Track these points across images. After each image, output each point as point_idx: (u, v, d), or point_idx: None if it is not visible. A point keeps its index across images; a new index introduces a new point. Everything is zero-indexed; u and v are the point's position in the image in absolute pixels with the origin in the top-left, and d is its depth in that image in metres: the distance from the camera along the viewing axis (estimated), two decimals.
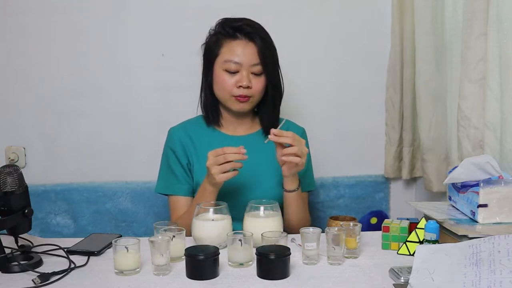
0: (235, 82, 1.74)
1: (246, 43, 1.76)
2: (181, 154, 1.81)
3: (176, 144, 1.82)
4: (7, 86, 2.27)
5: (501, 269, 1.13)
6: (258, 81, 1.77)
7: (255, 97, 1.78)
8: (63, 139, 2.30)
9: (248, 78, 1.74)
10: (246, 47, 1.75)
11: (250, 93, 1.75)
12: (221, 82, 1.76)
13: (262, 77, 1.77)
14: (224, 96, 1.77)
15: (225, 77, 1.75)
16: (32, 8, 2.21)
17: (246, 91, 1.75)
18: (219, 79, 1.77)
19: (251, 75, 1.75)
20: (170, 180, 1.82)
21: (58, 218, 2.31)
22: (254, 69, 1.75)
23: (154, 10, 2.23)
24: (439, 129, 2.03)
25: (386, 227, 1.52)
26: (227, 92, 1.76)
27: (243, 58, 1.74)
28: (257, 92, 1.77)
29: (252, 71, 1.75)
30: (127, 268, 1.35)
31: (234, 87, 1.75)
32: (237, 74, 1.75)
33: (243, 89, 1.74)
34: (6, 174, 1.38)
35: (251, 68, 1.75)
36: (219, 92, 1.78)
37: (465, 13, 1.68)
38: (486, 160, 1.45)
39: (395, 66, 2.23)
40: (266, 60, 1.76)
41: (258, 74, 1.76)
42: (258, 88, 1.77)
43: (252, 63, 1.75)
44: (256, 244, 1.40)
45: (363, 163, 2.37)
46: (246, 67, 1.74)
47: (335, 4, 2.27)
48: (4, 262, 1.37)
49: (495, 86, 1.61)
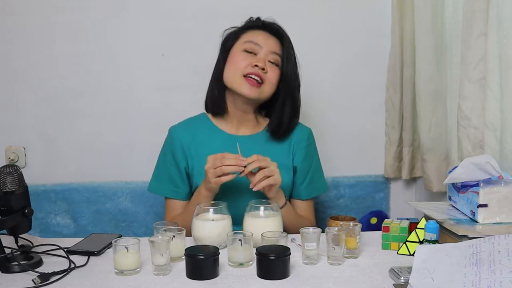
0: (251, 62, 1.70)
1: (270, 35, 1.75)
2: (180, 157, 1.78)
3: (176, 145, 1.79)
4: (7, 86, 2.27)
5: (501, 269, 1.13)
6: (273, 71, 1.73)
7: (266, 85, 1.72)
8: (63, 139, 2.30)
9: (265, 60, 1.70)
10: (269, 37, 1.75)
11: (264, 77, 1.70)
12: (236, 61, 1.71)
13: (277, 69, 1.74)
14: (235, 76, 1.70)
15: (242, 56, 1.71)
16: (32, 8, 2.21)
17: (260, 72, 1.69)
18: (234, 59, 1.72)
19: (269, 63, 1.72)
20: (165, 182, 1.80)
21: (58, 218, 2.31)
22: (273, 56, 1.72)
23: (154, 10, 2.23)
24: (439, 129, 2.03)
25: (386, 227, 1.52)
26: (240, 71, 1.69)
27: (264, 42, 1.72)
28: (270, 81, 1.72)
29: (270, 58, 1.72)
30: (127, 268, 1.35)
31: (248, 66, 1.69)
32: (254, 57, 1.71)
33: (257, 69, 1.69)
34: (6, 174, 1.38)
35: (270, 55, 1.72)
36: (230, 73, 1.72)
37: (465, 13, 1.68)
38: (486, 160, 1.45)
39: (395, 66, 2.23)
40: (286, 55, 1.73)
41: (275, 64, 1.73)
42: (271, 78, 1.72)
43: (273, 50, 1.72)
44: (256, 244, 1.40)
45: (363, 163, 2.37)
46: (265, 51, 1.71)
47: (335, 4, 2.28)
48: (4, 262, 1.37)
49: (495, 86, 1.61)
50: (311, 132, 1.88)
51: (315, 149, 1.89)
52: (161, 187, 1.81)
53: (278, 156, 1.74)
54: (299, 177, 1.82)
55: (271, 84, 1.73)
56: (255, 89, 1.70)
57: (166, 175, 1.80)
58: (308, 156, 1.84)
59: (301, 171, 1.82)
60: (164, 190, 1.81)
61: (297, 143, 1.83)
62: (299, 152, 1.82)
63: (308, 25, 2.27)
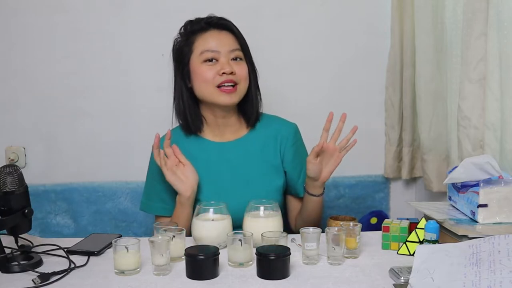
0: (217, 71, 1.64)
1: (219, 32, 1.69)
2: None
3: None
4: (7, 86, 2.27)
5: (501, 269, 1.13)
6: (241, 67, 1.68)
7: (241, 84, 1.68)
8: (63, 139, 2.30)
9: (229, 64, 1.65)
10: (220, 35, 1.68)
11: (236, 79, 1.65)
12: (202, 75, 1.65)
13: (243, 63, 1.69)
14: (208, 90, 1.65)
15: (204, 69, 1.65)
16: (32, 8, 2.21)
17: (231, 77, 1.64)
18: (198, 74, 1.66)
19: (232, 61, 1.67)
20: (154, 200, 1.76)
21: (58, 218, 2.31)
22: (234, 54, 1.67)
23: (154, 10, 2.23)
24: (439, 129, 2.03)
25: (386, 227, 1.52)
26: (210, 84, 1.64)
27: (220, 45, 1.66)
28: (243, 78, 1.67)
29: (232, 56, 1.67)
30: (127, 268, 1.35)
31: (216, 76, 1.64)
32: (217, 64, 1.65)
33: (227, 76, 1.64)
34: (6, 174, 1.37)
35: (230, 53, 1.66)
36: (202, 88, 1.67)
37: (465, 13, 1.68)
38: (486, 160, 1.45)
39: (395, 66, 2.23)
40: (243, 45, 1.70)
41: (239, 60, 1.68)
42: (242, 74, 1.67)
43: (231, 48, 1.67)
44: (256, 244, 1.40)
45: (363, 163, 2.37)
46: (224, 53, 1.65)
47: (335, 4, 2.27)
48: (4, 262, 1.37)
49: (495, 86, 1.61)
50: (296, 127, 1.83)
51: (302, 143, 1.84)
52: (151, 205, 1.78)
53: (266, 156, 1.74)
54: (294, 175, 1.78)
55: (244, 79, 1.69)
56: (233, 94, 1.66)
57: (154, 193, 1.76)
58: (298, 152, 1.80)
59: (294, 169, 1.78)
60: (153, 208, 1.77)
61: (284, 140, 1.78)
62: (288, 150, 1.78)
63: (308, 25, 2.27)
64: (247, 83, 1.71)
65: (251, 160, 1.74)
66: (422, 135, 2.10)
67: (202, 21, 1.72)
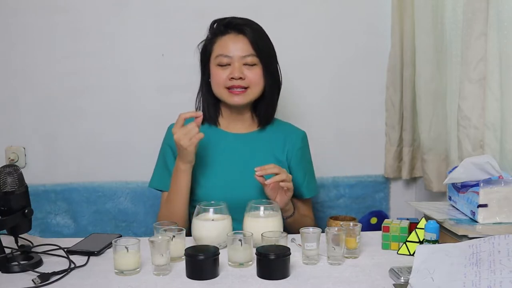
0: (227, 75, 1.74)
1: (235, 36, 1.76)
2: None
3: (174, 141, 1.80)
4: (7, 86, 2.27)
5: (501, 269, 1.13)
6: (253, 72, 1.75)
7: (252, 88, 1.76)
8: (63, 139, 2.30)
9: (239, 69, 1.73)
10: (236, 40, 1.75)
11: (246, 83, 1.74)
12: (215, 77, 1.77)
13: (257, 68, 1.76)
14: (219, 91, 1.77)
15: (218, 72, 1.76)
16: (32, 8, 2.21)
17: (240, 82, 1.74)
18: (213, 75, 1.78)
19: (245, 66, 1.75)
20: (165, 176, 1.81)
21: (58, 218, 2.31)
22: (247, 60, 1.75)
23: (154, 10, 2.23)
24: (439, 129, 2.03)
25: (386, 227, 1.52)
26: (221, 86, 1.76)
27: (233, 50, 1.74)
28: (254, 82, 1.76)
29: (245, 62, 1.75)
30: (127, 268, 1.35)
31: (227, 80, 1.74)
32: (229, 68, 1.75)
33: (235, 81, 1.73)
34: (6, 174, 1.38)
35: (243, 59, 1.74)
36: (215, 88, 1.78)
37: (465, 13, 1.68)
38: (486, 160, 1.45)
39: (395, 66, 2.23)
40: (259, 50, 1.75)
41: (252, 65, 1.75)
42: (253, 79, 1.75)
43: (244, 54, 1.74)
44: (256, 244, 1.40)
45: (363, 163, 2.37)
46: (237, 59, 1.74)
47: (335, 4, 2.27)
48: (4, 262, 1.37)
49: (495, 86, 1.61)
50: (305, 134, 1.90)
51: (309, 151, 1.91)
52: (161, 181, 1.82)
53: (273, 151, 1.79)
54: (299, 177, 1.82)
55: (256, 84, 1.76)
56: (241, 96, 1.75)
57: (165, 169, 1.82)
58: (304, 157, 1.87)
59: (300, 171, 1.83)
60: (164, 184, 1.81)
61: (291, 143, 1.84)
62: (294, 154, 1.84)
63: (308, 25, 2.27)
64: (260, 87, 1.78)
65: (259, 153, 1.79)
66: (422, 135, 2.10)
67: (222, 23, 1.79)
